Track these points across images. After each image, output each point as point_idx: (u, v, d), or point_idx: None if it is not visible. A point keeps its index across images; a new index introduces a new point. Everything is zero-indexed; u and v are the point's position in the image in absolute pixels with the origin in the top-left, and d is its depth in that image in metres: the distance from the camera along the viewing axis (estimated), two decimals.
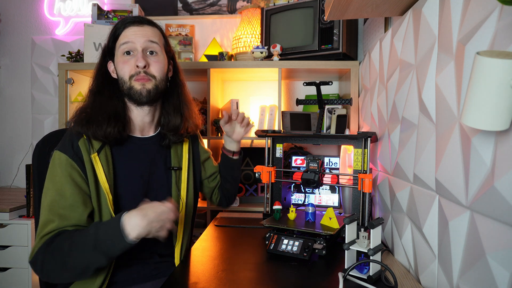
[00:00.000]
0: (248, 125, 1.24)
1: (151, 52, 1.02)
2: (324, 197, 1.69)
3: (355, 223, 0.95)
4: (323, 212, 1.19)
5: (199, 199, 1.40)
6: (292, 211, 1.22)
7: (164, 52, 1.06)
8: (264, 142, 1.86)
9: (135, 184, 1.04)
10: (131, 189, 1.03)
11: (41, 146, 1.15)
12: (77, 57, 2.07)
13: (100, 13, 2.02)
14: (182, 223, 1.07)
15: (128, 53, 1.00)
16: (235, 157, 1.29)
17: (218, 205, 1.36)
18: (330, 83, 1.37)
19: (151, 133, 1.11)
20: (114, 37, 1.02)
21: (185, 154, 1.14)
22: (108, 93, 1.03)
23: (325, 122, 1.77)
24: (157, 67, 1.02)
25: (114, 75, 1.06)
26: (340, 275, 0.85)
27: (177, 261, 1.06)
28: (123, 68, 1.00)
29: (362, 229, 0.92)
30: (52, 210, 0.92)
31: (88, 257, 0.83)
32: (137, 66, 0.99)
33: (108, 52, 1.05)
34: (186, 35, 2.09)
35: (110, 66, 1.06)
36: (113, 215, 0.96)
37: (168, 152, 1.12)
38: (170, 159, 1.11)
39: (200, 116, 1.20)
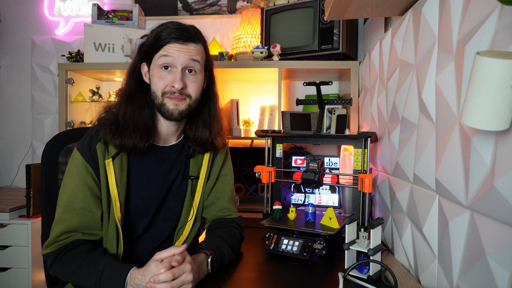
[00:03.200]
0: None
1: (190, 70, 0.98)
2: (324, 197, 1.69)
3: (355, 223, 0.95)
4: (323, 212, 1.19)
5: None
6: (292, 211, 1.22)
7: (203, 69, 1.02)
8: (264, 142, 1.86)
9: (149, 194, 1.02)
10: (144, 198, 1.02)
11: (50, 146, 1.15)
12: (77, 57, 2.07)
13: (100, 13, 2.02)
14: (188, 229, 1.07)
15: (165, 67, 0.96)
16: None
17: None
18: (330, 83, 1.37)
19: (173, 141, 1.08)
20: (155, 45, 0.97)
21: (205, 163, 1.10)
22: (140, 101, 1.00)
23: (325, 122, 1.77)
24: (194, 87, 0.99)
25: (146, 79, 1.02)
26: (340, 275, 0.85)
27: None
28: (158, 83, 0.97)
29: (362, 229, 0.92)
30: (66, 209, 0.94)
31: (85, 283, 0.85)
32: (173, 87, 0.96)
33: (144, 55, 1.01)
34: None
35: (143, 68, 1.02)
36: (119, 222, 0.95)
37: (188, 161, 1.09)
38: (189, 167, 1.09)
39: (228, 131, 1.15)
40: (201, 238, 1.22)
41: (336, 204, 1.68)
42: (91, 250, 0.91)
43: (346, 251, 0.91)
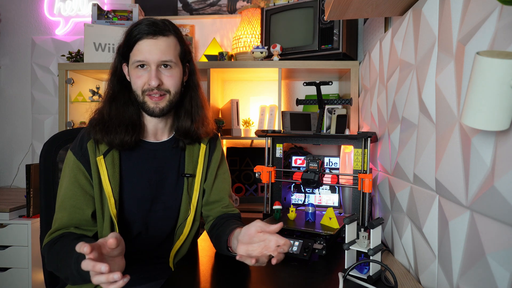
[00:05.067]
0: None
1: (165, 65, 0.98)
2: (324, 197, 1.69)
3: (355, 223, 0.95)
4: (323, 212, 1.19)
5: None
6: (292, 211, 1.22)
7: (179, 61, 1.01)
8: (264, 142, 1.86)
9: (141, 189, 1.03)
10: (137, 194, 1.02)
11: (48, 146, 1.16)
12: (77, 57, 2.07)
13: (100, 13, 2.02)
14: (188, 228, 1.07)
15: (141, 65, 0.97)
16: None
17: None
18: (330, 83, 1.37)
19: (164, 137, 1.09)
20: (128, 44, 0.97)
21: (200, 160, 1.10)
22: (124, 99, 1.01)
23: (325, 122, 1.77)
24: (171, 82, 0.98)
25: (129, 79, 1.03)
26: (340, 275, 0.85)
27: (171, 264, 1.05)
28: (136, 82, 0.98)
29: (362, 229, 0.92)
30: (60, 208, 0.97)
31: (69, 270, 0.82)
32: (150, 85, 0.96)
33: (122, 56, 1.02)
34: (186, 35, 2.09)
35: (125, 69, 1.03)
36: (114, 218, 0.96)
37: (183, 157, 1.09)
38: (184, 165, 1.09)
39: (211, 120, 1.15)
40: (201, 239, 1.22)
41: (336, 204, 1.68)
42: (78, 238, 0.91)
43: (346, 251, 0.91)
